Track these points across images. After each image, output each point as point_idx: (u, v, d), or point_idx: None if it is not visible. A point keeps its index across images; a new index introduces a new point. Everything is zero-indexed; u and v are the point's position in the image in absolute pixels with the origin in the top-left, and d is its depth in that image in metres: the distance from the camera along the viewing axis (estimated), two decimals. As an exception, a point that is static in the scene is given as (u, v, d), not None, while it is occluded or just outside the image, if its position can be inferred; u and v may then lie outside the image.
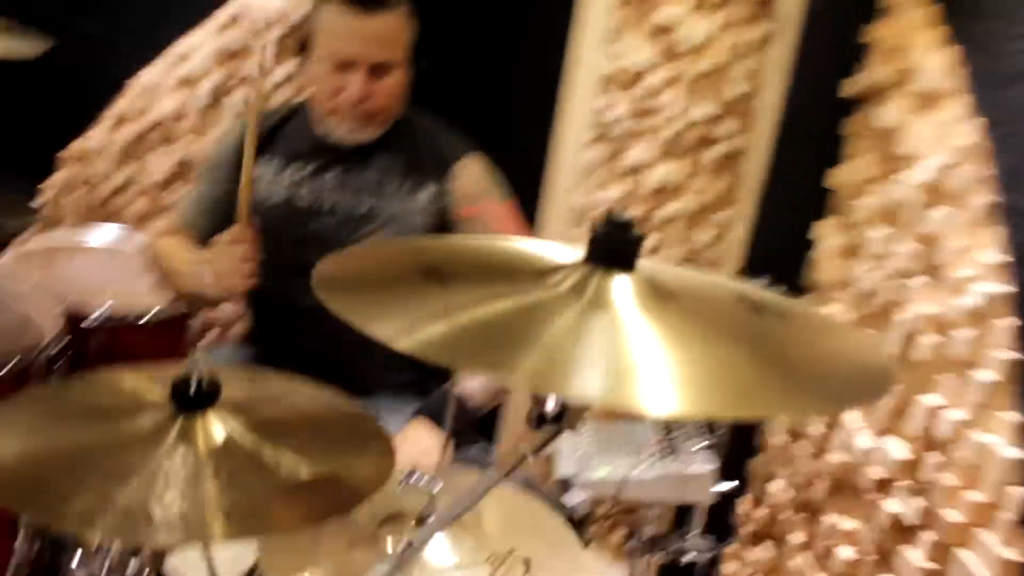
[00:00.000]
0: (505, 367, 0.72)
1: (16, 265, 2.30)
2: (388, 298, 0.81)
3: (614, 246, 0.85)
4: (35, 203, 2.62)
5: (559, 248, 0.95)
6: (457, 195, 1.79)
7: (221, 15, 2.56)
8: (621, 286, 0.83)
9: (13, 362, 1.83)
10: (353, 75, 1.71)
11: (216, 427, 0.97)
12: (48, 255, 2.38)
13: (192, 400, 0.97)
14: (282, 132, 1.88)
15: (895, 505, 1.38)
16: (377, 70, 1.72)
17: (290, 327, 1.82)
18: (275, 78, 2.46)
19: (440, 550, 1.11)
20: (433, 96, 1.90)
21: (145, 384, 1.00)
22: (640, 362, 0.75)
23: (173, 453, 0.93)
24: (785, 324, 0.86)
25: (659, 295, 0.84)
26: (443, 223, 1.80)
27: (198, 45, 2.58)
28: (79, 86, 2.58)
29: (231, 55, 2.55)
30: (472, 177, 1.81)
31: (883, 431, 1.48)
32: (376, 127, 1.78)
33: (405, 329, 0.75)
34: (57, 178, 2.64)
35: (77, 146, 2.62)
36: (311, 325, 1.70)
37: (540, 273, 0.85)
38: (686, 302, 0.85)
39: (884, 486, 1.43)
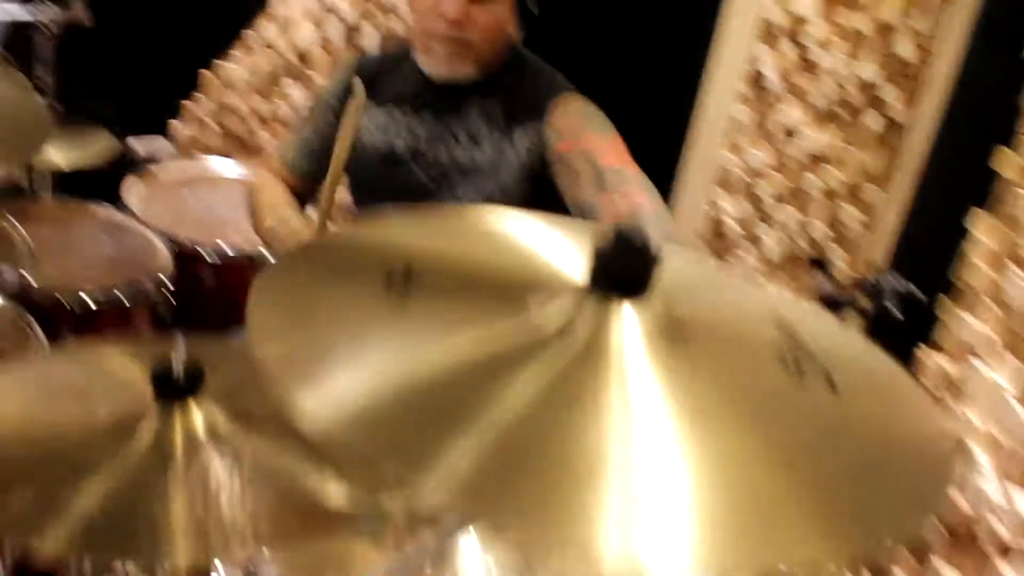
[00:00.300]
0: (420, 485, 0.54)
1: (142, 191, 2.33)
2: (329, 329, 0.67)
3: (623, 271, 0.69)
4: (177, 123, 2.65)
5: (570, 248, 0.79)
6: (554, 130, 1.62)
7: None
8: (625, 326, 0.67)
9: (116, 293, 1.91)
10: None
11: (197, 419, 0.89)
12: (176, 184, 2.41)
13: (172, 388, 0.89)
14: (388, 75, 1.76)
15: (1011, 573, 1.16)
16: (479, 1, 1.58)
17: None
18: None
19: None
20: (566, 36, 1.78)
21: (129, 363, 0.92)
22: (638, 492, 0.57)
23: (146, 449, 0.85)
24: (833, 399, 0.67)
25: (673, 336, 0.67)
26: (542, 167, 1.64)
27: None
28: (225, 5, 2.56)
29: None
30: (570, 112, 1.63)
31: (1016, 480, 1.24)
32: (471, 64, 1.63)
33: (319, 403, 0.60)
34: (198, 102, 2.64)
35: (219, 71, 2.60)
36: None
37: (527, 293, 0.70)
38: (705, 352, 0.68)
39: (1005, 548, 1.20)
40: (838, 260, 2.16)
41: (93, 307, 1.89)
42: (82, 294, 1.87)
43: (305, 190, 1.84)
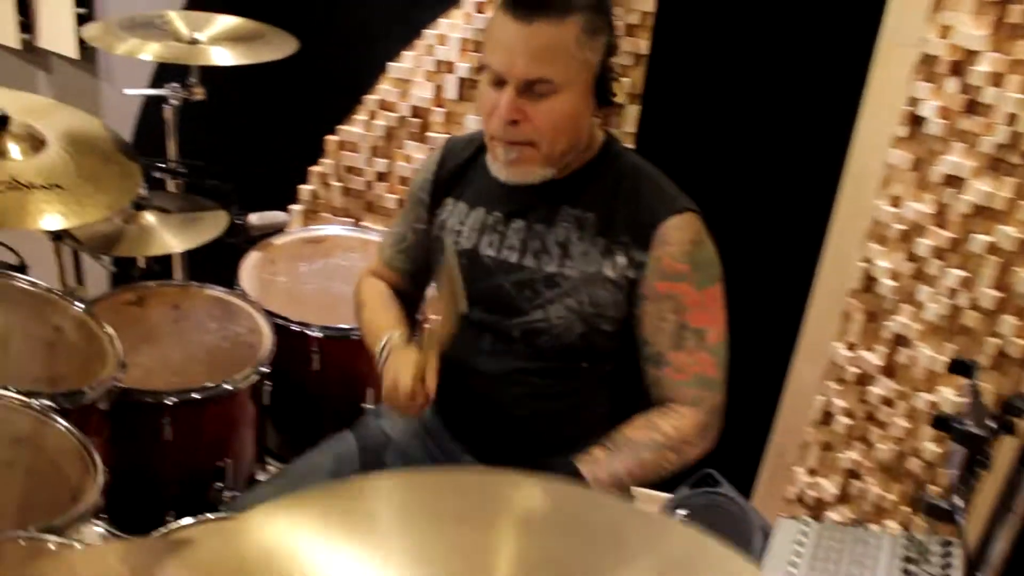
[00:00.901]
0: None
1: (256, 268, 2.32)
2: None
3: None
4: (304, 188, 2.64)
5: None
6: (658, 266, 1.49)
7: (475, -5, 2.36)
8: None
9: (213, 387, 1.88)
10: (503, 95, 1.43)
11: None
12: (291, 258, 2.40)
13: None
14: (470, 169, 1.65)
15: None
16: (532, 89, 1.42)
17: (466, 390, 1.61)
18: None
19: None
20: (711, 73, 1.65)
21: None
22: None
23: None
24: None
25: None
26: (632, 290, 1.52)
27: (452, 28, 2.40)
28: (346, 71, 2.53)
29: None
30: (678, 248, 1.49)
31: None
32: (539, 166, 1.49)
33: None
34: (322, 166, 2.62)
35: (340, 134, 2.58)
36: (487, 390, 1.54)
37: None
38: None
39: None
40: (1006, 329, 1.84)
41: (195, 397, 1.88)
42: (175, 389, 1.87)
43: (406, 287, 1.79)
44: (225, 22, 2.33)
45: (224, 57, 2.17)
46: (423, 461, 1.74)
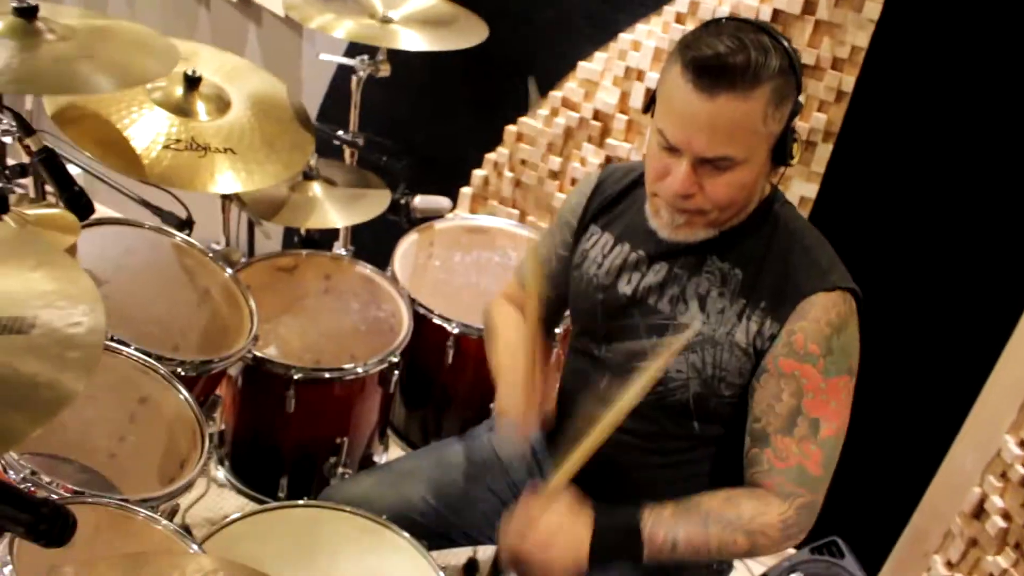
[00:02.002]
0: None
1: (412, 252, 2.34)
2: None
3: None
4: (477, 173, 2.63)
5: None
6: (789, 341, 1.38)
7: (676, 5, 2.24)
8: None
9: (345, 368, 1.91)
10: (678, 162, 1.33)
11: None
12: (449, 245, 2.40)
13: None
14: (623, 201, 1.58)
15: None
16: (711, 164, 1.32)
17: (573, 425, 1.55)
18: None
19: None
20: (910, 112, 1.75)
21: None
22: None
23: None
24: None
25: None
26: (758, 359, 1.42)
27: (648, 35, 2.30)
28: (535, 63, 2.49)
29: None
30: (814, 327, 1.38)
31: None
32: (703, 229, 1.41)
33: None
34: (497, 154, 2.60)
35: (520, 125, 2.54)
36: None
37: None
38: None
39: None
40: None
41: (321, 376, 1.93)
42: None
43: (549, 316, 1.71)
44: (420, 1, 2.33)
45: (414, 41, 2.17)
46: (524, 483, 1.71)
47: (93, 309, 1.04)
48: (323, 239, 2.37)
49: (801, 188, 2.20)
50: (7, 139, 1.71)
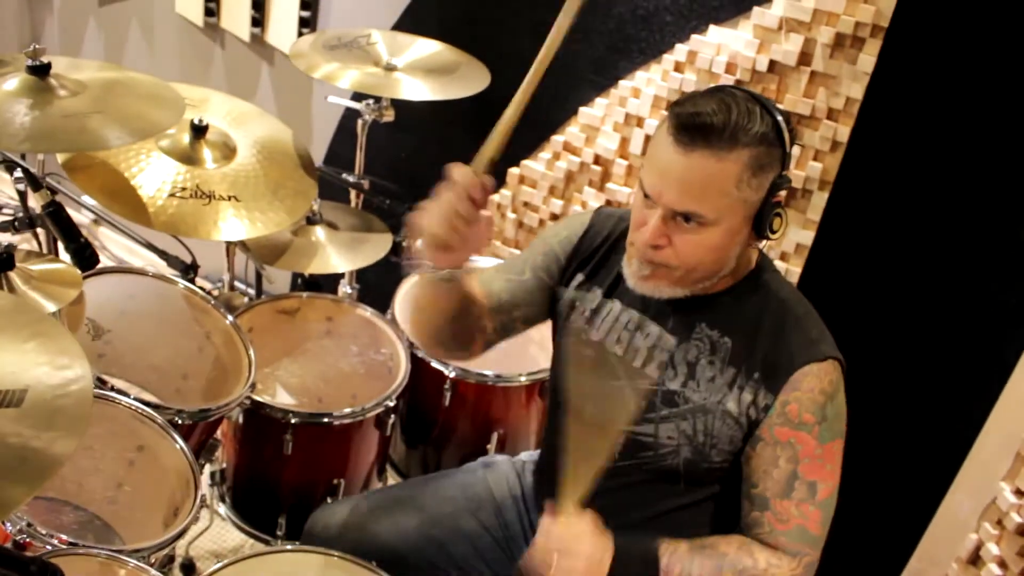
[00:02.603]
0: None
1: (412, 295, 2.38)
2: None
3: None
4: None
5: None
6: (784, 411, 1.41)
7: (675, 53, 2.28)
8: None
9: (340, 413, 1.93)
10: (653, 213, 1.36)
11: None
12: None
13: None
14: (613, 252, 1.58)
15: None
16: (682, 218, 1.35)
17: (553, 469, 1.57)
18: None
19: None
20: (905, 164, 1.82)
21: None
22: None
23: None
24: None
25: None
26: (751, 429, 1.44)
27: (648, 83, 2.34)
28: (537, 107, 2.52)
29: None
30: (808, 397, 1.41)
31: None
32: (667, 285, 1.42)
33: None
34: (500, 196, 2.65)
35: (522, 168, 2.59)
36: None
37: None
38: None
39: None
40: None
41: (319, 420, 1.97)
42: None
43: (487, 319, 1.61)
44: (424, 48, 2.38)
45: (417, 91, 2.21)
46: (514, 523, 1.76)
47: (81, 377, 1.08)
48: (328, 278, 2.41)
49: (797, 235, 2.22)
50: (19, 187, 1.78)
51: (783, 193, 1.38)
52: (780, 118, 1.35)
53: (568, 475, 1.37)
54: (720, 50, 2.20)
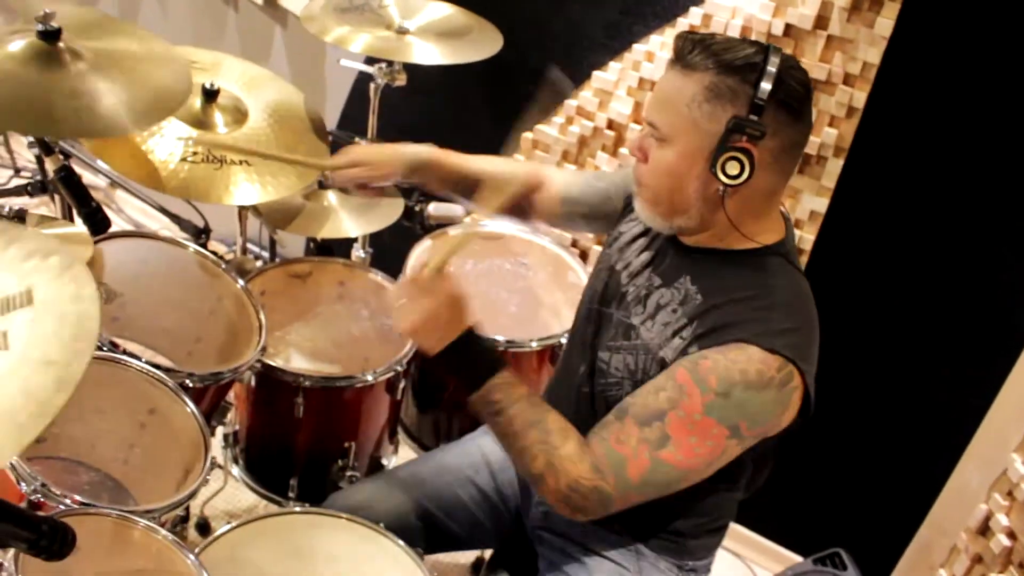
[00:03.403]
0: None
1: (424, 258, 2.38)
2: None
3: None
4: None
5: None
6: (694, 358, 1.37)
7: (690, 16, 2.25)
8: None
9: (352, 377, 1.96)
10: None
11: None
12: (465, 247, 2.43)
13: None
14: None
15: None
16: (655, 136, 1.40)
17: (555, 403, 1.60)
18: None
19: None
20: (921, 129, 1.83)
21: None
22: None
23: None
24: None
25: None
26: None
27: (663, 47, 2.31)
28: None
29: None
30: (725, 366, 1.34)
31: None
32: (650, 209, 1.45)
33: None
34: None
35: (536, 133, 2.57)
36: (562, 409, 1.46)
37: None
38: None
39: None
40: None
41: (330, 384, 1.99)
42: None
43: (557, 203, 1.81)
44: (436, 11, 2.36)
45: (429, 54, 2.20)
46: (513, 482, 1.79)
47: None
48: (341, 242, 2.42)
49: (811, 203, 2.20)
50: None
51: (751, 142, 1.32)
52: (770, 68, 1.32)
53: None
54: (735, 13, 2.18)
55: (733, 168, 1.33)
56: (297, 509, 1.67)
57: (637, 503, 1.40)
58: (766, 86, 1.31)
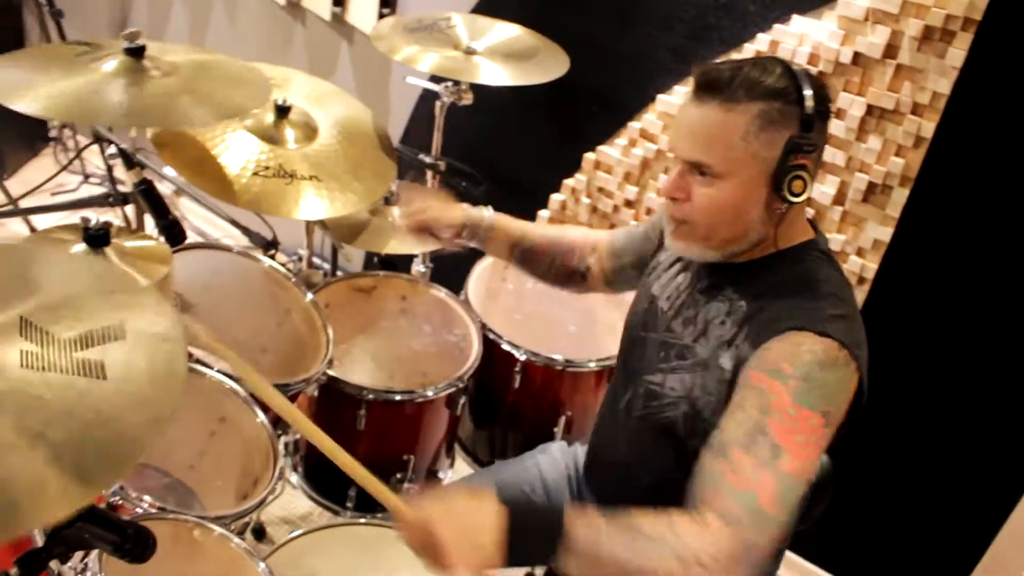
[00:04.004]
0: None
1: (486, 275, 2.41)
2: None
3: None
4: (555, 197, 2.69)
5: None
6: (760, 355, 1.34)
7: (756, 43, 2.26)
8: None
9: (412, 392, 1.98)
10: (674, 168, 1.42)
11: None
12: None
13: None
14: None
15: None
16: (696, 171, 1.38)
17: (602, 437, 1.59)
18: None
19: None
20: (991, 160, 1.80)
21: None
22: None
23: None
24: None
25: None
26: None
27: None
28: (616, 93, 2.53)
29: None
30: (793, 351, 1.32)
31: None
32: (696, 245, 1.45)
33: None
34: (575, 180, 2.66)
35: (598, 154, 2.59)
36: (610, 442, 1.45)
37: None
38: None
39: None
40: None
41: (391, 398, 2.02)
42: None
43: (606, 260, 1.84)
44: (504, 32, 2.39)
45: (496, 75, 2.23)
46: (567, 503, 1.79)
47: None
48: (402, 257, 2.45)
49: (875, 231, 2.19)
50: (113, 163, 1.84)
51: (806, 157, 1.35)
52: (807, 83, 1.35)
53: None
54: (803, 40, 2.18)
55: (798, 186, 1.36)
56: (362, 520, 1.69)
57: (775, 538, 1.27)
58: (810, 103, 1.34)
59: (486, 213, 1.87)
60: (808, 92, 1.34)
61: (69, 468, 0.85)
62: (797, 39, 2.18)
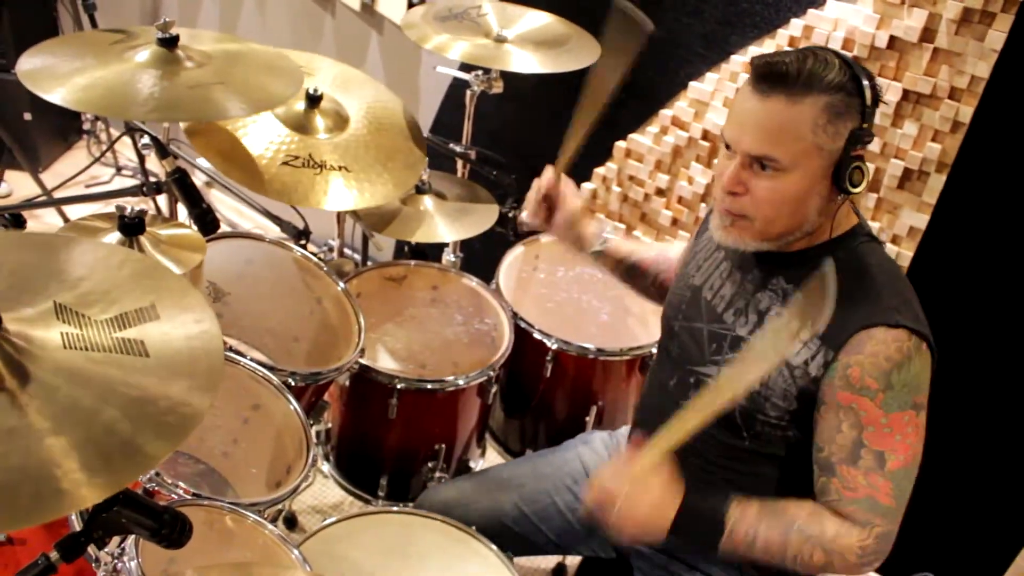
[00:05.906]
0: None
1: (517, 265, 2.40)
2: None
3: None
4: (586, 186, 2.68)
5: None
6: (845, 373, 1.38)
7: (790, 28, 2.23)
8: None
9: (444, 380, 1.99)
10: (732, 161, 1.40)
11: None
12: (554, 260, 2.44)
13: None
14: None
15: None
16: (759, 164, 1.37)
17: (649, 424, 1.58)
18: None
19: None
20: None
21: None
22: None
23: None
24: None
25: None
26: (809, 391, 1.42)
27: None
28: (646, 80, 2.51)
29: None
30: (871, 361, 1.36)
31: None
32: (750, 238, 1.44)
33: None
34: (606, 169, 2.64)
35: (629, 142, 2.57)
36: (662, 422, 1.46)
37: None
38: None
39: None
40: None
41: (423, 386, 2.02)
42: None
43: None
44: (535, 20, 2.38)
45: (527, 63, 2.21)
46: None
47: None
48: (432, 246, 2.45)
49: (911, 218, 2.16)
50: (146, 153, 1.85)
51: (864, 147, 1.38)
52: (861, 72, 1.36)
53: (666, 427, 1.37)
54: (837, 25, 2.15)
55: (858, 177, 1.37)
56: (394, 508, 1.70)
57: (902, 517, 1.43)
58: (869, 93, 1.35)
59: (607, 234, 1.87)
60: (866, 83, 1.35)
61: (123, 442, 0.86)
62: (832, 23, 2.15)
